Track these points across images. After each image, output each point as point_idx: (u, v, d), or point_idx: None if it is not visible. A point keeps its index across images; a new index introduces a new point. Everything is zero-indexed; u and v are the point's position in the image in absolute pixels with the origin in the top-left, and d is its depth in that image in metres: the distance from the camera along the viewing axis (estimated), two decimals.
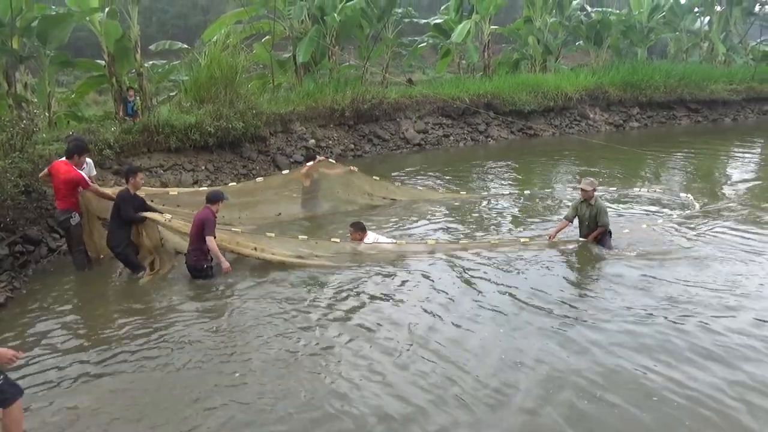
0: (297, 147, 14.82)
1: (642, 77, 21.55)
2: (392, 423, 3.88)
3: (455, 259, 6.97)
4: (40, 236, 7.66)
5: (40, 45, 12.72)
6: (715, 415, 3.86)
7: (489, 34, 21.85)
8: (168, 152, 11.95)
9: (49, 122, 12.88)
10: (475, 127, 18.48)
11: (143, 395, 4.29)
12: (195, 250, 6.53)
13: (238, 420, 3.96)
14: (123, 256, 6.78)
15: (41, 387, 4.44)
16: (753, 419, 3.81)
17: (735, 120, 23.37)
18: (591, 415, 3.90)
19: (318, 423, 3.90)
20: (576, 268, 6.88)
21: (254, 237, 7.21)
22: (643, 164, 13.71)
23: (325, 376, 4.48)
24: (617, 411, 3.93)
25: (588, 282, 6.42)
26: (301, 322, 5.42)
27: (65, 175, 6.72)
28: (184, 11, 48.46)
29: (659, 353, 4.64)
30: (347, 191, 9.89)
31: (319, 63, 18.14)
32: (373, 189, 10.08)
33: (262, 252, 6.94)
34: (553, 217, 8.99)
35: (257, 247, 6.95)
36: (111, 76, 14.15)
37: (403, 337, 5.05)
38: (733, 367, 4.43)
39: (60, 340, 5.24)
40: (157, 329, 5.38)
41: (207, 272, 6.58)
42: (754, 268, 6.47)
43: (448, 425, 3.84)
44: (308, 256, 7.08)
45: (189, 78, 14.32)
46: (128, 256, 6.80)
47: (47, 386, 4.45)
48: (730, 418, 3.84)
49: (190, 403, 4.18)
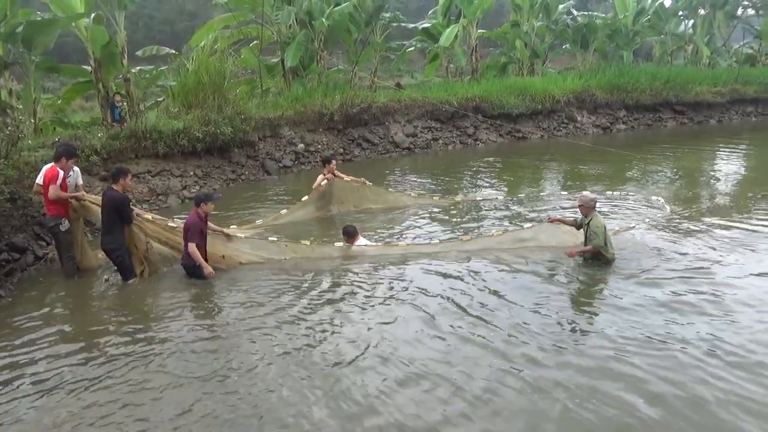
0: (286, 152, 14.80)
1: (628, 80, 21.78)
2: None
3: (438, 266, 6.92)
4: (26, 244, 7.56)
5: (25, 51, 12.58)
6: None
7: (476, 38, 21.97)
8: (156, 158, 11.89)
9: (34, 129, 12.74)
10: (464, 130, 18.55)
11: (131, 407, 4.24)
12: (185, 251, 6.70)
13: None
14: (120, 260, 6.68)
15: (24, 395, 4.38)
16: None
17: (720, 122, 23.66)
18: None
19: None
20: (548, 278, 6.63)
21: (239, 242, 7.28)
22: (629, 166, 13.82)
23: (316, 382, 4.46)
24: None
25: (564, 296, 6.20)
26: (287, 329, 5.39)
27: (47, 180, 6.66)
28: (171, 17, 48.20)
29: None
30: (360, 201, 10.02)
31: (308, 67, 18.13)
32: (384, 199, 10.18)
33: (230, 259, 7.12)
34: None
35: (225, 255, 7.09)
36: (98, 81, 14.02)
37: (402, 353, 4.89)
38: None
39: (45, 349, 5.16)
40: (146, 338, 5.32)
41: (200, 270, 6.65)
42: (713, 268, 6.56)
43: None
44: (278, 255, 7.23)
45: (177, 83, 14.26)
46: (125, 260, 6.71)
47: (31, 394, 4.39)
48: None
49: (175, 417, 4.11)
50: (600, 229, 6.57)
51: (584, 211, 6.76)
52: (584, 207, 6.73)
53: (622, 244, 7.21)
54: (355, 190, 10.04)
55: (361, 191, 10.07)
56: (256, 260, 7.17)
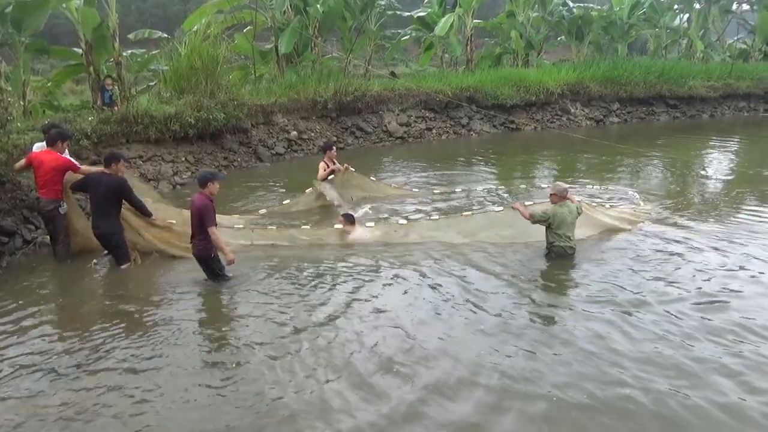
0: (279, 139, 14.72)
1: (622, 73, 21.76)
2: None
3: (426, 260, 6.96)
4: (15, 227, 7.49)
5: (14, 32, 12.39)
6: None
7: (472, 28, 21.87)
8: (147, 143, 11.79)
9: (24, 111, 12.59)
10: (457, 120, 18.52)
11: (125, 389, 4.24)
12: (200, 239, 6.00)
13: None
14: (118, 245, 6.62)
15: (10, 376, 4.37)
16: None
17: (712, 116, 23.74)
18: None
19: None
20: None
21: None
22: (620, 159, 13.84)
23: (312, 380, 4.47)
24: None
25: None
26: (288, 320, 5.40)
27: (53, 163, 6.62)
28: (163, 0, 47.65)
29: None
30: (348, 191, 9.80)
31: (302, 54, 18.00)
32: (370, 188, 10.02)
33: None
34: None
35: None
36: (88, 64, 13.85)
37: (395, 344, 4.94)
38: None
39: (32, 334, 5.12)
40: (140, 325, 5.31)
41: (216, 261, 6.13)
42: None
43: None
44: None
45: (169, 68, 14.10)
46: (122, 244, 6.66)
47: (21, 376, 4.37)
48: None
49: (175, 396, 4.13)
50: (553, 211, 6.58)
51: (555, 199, 6.72)
52: (555, 196, 6.72)
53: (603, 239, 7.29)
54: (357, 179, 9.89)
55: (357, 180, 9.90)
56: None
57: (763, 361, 4.44)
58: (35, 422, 3.87)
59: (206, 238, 5.96)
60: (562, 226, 6.61)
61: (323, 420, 3.83)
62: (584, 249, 6.98)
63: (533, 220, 6.71)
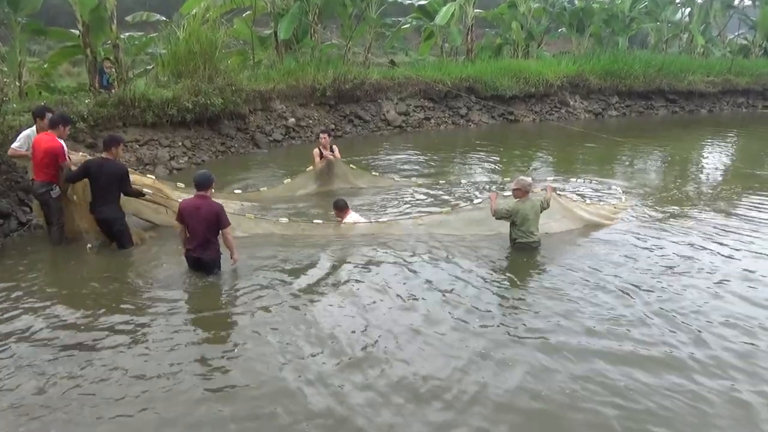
0: (276, 125, 14.67)
1: (622, 66, 21.73)
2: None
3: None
4: (10, 209, 7.46)
5: (10, 11, 12.26)
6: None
7: (473, 17, 21.75)
8: (144, 127, 11.74)
9: (19, 92, 12.47)
10: (456, 110, 18.47)
11: (121, 370, 4.25)
12: (210, 243, 5.80)
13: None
14: (122, 230, 6.66)
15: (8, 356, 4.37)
16: None
17: (711, 112, 23.76)
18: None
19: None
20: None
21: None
22: (617, 152, 13.85)
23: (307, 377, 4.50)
24: None
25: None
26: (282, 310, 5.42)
27: (46, 144, 6.58)
28: None
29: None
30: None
31: (301, 41, 17.88)
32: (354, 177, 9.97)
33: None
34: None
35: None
36: (85, 46, 13.70)
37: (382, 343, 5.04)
38: None
39: (26, 318, 5.09)
40: (135, 310, 5.30)
41: (219, 265, 5.99)
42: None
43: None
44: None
45: (167, 51, 14.00)
46: (125, 230, 6.70)
47: (21, 357, 4.38)
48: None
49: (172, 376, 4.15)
50: (515, 208, 6.55)
51: (518, 195, 6.65)
52: (519, 191, 6.66)
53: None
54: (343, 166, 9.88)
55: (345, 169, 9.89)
56: None
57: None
58: (21, 408, 3.88)
59: (215, 242, 5.84)
60: (525, 223, 6.58)
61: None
62: (553, 242, 7.01)
63: (497, 216, 6.68)
